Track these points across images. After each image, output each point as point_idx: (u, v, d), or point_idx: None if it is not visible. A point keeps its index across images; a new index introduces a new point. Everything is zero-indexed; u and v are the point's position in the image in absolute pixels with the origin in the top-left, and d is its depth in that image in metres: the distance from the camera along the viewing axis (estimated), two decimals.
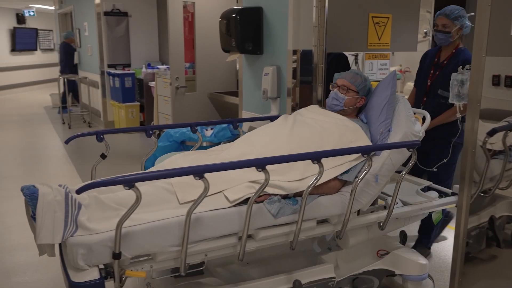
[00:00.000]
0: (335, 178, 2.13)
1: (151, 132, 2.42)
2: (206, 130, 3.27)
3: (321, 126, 2.34)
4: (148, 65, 7.62)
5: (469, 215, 2.30)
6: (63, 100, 8.66)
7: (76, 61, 9.32)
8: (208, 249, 1.91)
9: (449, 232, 3.41)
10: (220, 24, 3.47)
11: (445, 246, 3.34)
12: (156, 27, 7.94)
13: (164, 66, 7.27)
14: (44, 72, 14.21)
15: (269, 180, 1.80)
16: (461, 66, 2.45)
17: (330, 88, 2.51)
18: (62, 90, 8.71)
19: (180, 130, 3.11)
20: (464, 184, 2.26)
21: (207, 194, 1.72)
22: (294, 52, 3.03)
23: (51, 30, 14.35)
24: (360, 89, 2.45)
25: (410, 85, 3.81)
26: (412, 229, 3.20)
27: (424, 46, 3.68)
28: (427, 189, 2.66)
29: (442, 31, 2.84)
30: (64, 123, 8.46)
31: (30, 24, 13.53)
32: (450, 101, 2.50)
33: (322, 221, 2.16)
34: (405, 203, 2.43)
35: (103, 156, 2.30)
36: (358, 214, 2.28)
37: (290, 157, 1.95)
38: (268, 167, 1.78)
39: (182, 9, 5.22)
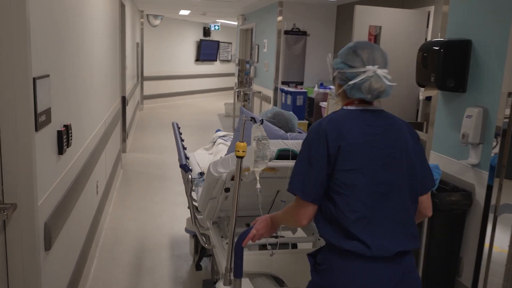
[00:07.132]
0: None
1: None
2: None
3: None
4: (321, 85, 7.62)
5: None
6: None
7: (251, 75, 9.86)
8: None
9: None
10: (417, 56, 3.18)
11: None
12: (332, 48, 7.90)
13: None
14: (220, 81, 15.46)
15: None
16: None
17: None
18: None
19: None
20: None
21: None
22: (510, 94, 2.60)
23: (230, 43, 15.53)
24: None
25: None
26: None
27: None
28: None
29: None
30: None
31: (213, 37, 14.84)
32: None
33: None
34: None
35: None
36: None
37: None
38: None
39: (368, 32, 5.03)
